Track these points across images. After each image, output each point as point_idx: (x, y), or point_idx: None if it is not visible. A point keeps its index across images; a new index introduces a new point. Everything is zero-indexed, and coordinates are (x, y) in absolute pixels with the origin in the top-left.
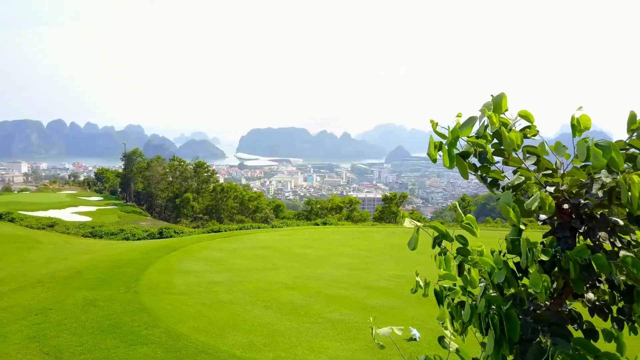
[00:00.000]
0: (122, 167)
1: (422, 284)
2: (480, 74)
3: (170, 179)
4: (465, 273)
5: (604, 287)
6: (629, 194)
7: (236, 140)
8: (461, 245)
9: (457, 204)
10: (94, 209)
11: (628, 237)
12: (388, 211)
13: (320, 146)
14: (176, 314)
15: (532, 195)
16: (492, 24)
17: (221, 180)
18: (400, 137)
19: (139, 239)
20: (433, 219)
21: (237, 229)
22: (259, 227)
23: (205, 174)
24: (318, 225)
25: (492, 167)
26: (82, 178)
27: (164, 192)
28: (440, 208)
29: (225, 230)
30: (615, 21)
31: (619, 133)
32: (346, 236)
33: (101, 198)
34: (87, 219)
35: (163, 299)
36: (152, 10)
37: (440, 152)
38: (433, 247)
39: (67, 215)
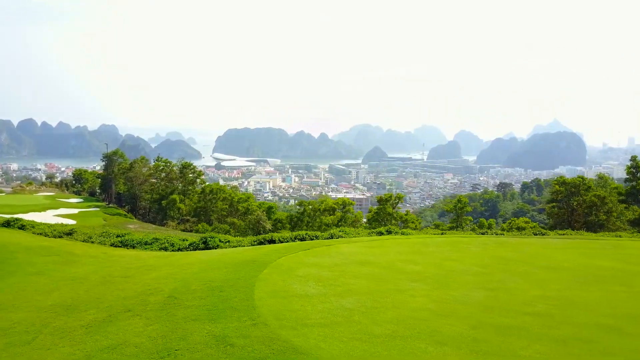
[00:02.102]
0: (102, 167)
1: None
2: (468, 74)
3: (154, 180)
4: None
5: None
6: None
7: (212, 141)
8: None
9: None
10: (75, 211)
11: None
12: (384, 212)
13: (297, 146)
14: (341, 356)
15: None
16: (485, 24)
17: (197, 181)
18: (376, 137)
19: (179, 249)
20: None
21: (291, 239)
22: (316, 237)
23: (191, 175)
24: (383, 234)
25: None
26: (58, 179)
27: (147, 193)
28: (419, 208)
29: (280, 240)
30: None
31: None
32: (440, 248)
33: (81, 200)
34: (71, 221)
35: (307, 334)
36: (126, 7)
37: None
38: None
39: (49, 218)
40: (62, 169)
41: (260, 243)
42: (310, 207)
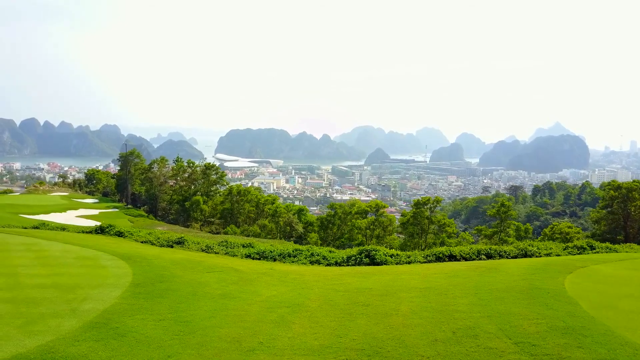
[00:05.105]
0: (119, 167)
1: None
2: (465, 76)
3: (171, 183)
4: None
5: None
6: None
7: (214, 141)
8: None
9: None
10: (96, 212)
11: None
12: (421, 216)
13: (299, 147)
14: None
15: None
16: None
17: (219, 182)
18: (378, 139)
19: (337, 263)
20: None
21: (474, 254)
22: (505, 252)
23: (214, 176)
24: (585, 249)
25: None
26: (71, 179)
27: (167, 194)
28: None
29: (462, 256)
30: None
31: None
32: None
33: (96, 200)
34: (96, 222)
35: None
36: (127, 7)
37: None
38: None
39: (71, 218)
40: (65, 168)
41: (438, 259)
42: (342, 209)
